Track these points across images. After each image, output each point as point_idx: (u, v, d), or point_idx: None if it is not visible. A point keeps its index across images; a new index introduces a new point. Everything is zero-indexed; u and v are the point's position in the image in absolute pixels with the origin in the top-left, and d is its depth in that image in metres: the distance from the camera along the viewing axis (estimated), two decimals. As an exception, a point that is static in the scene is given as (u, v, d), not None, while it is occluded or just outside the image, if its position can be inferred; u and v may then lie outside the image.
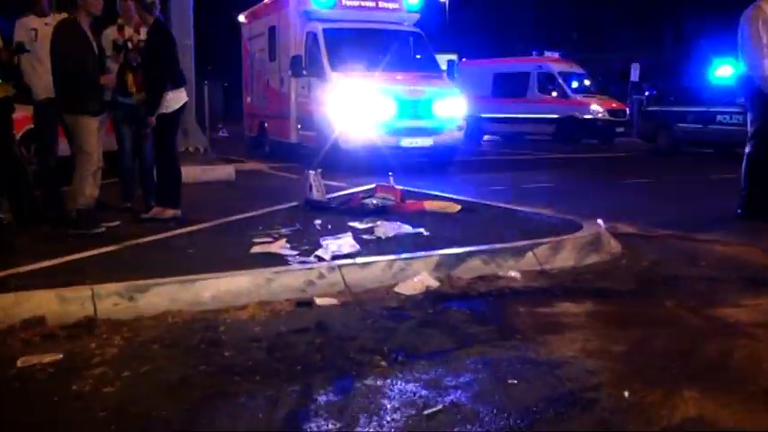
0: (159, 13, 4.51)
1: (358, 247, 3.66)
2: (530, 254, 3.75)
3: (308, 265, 3.26)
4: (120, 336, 2.63)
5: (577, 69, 16.93)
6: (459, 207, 5.08)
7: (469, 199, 5.76)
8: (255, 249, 3.62)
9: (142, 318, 2.80)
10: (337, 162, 8.40)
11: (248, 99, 12.15)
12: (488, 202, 5.56)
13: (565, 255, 3.86)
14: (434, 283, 3.32)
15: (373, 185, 5.62)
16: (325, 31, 9.20)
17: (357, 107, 8.47)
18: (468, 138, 16.29)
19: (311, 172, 5.33)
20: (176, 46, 4.50)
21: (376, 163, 8.62)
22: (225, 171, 7.65)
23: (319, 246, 3.63)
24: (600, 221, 4.51)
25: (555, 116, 15.88)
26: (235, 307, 2.93)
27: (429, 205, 5.11)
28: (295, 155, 10.59)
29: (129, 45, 4.80)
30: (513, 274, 3.54)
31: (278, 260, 3.39)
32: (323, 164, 6.87)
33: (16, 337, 2.57)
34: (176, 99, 4.59)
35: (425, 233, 4.15)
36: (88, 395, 2.13)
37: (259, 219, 4.73)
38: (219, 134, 17.30)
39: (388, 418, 1.95)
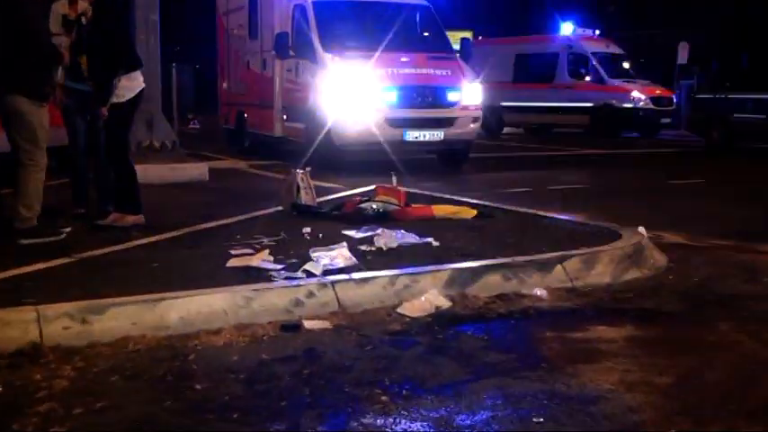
0: None
1: (354, 260, 3.67)
2: (558, 268, 3.77)
3: (295, 282, 3.27)
4: (70, 366, 2.62)
5: (615, 49, 16.93)
6: (474, 212, 5.10)
7: (487, 203, 5.78)
8: (232, 263, 3.63)
9: (97, 344, 2.80)
10: (330, 160, 8.42)
11: (224, 85, 12.18)
12: (509, 207, 5.58)
13: (600, 269, 3.87)
14: (445, 303, 3.33)
15: (372, 187, 5.65)
16: (315, 3, 9.22)
17: (353, 94, 8.50)
18: (486, 130, 16.49)
19: (299, 171, 5.34)
20: (129, 20, 4.42)
21: (376, 161, 8.65)
22: (196, 170, 7.70)
23: (308, 258, 3.64)
24: (642, 229, 4.52)
25: (588, 105, 15.92)
26: (208, 331, 2.94)
27: (439, 210, 5.13)
28: (280, 151, 10.63)
29: (83, 20, 4.75)
30: (538, 292, 3.56)
31: (259, 275, 3.40)
32: (313, 162, 6.89)
33: (-55, 368, 2.58)
34: (130, 86, 4.57)
35: (434, 243, 4.16)
36: (32, 437, 2.12)
37: (237, 226, 4.75)
38: (190, 126, 17.40)
39: (390, 465, 1.98)
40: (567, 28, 17.46)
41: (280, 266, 3.55)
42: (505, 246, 4.12)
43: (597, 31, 17.81)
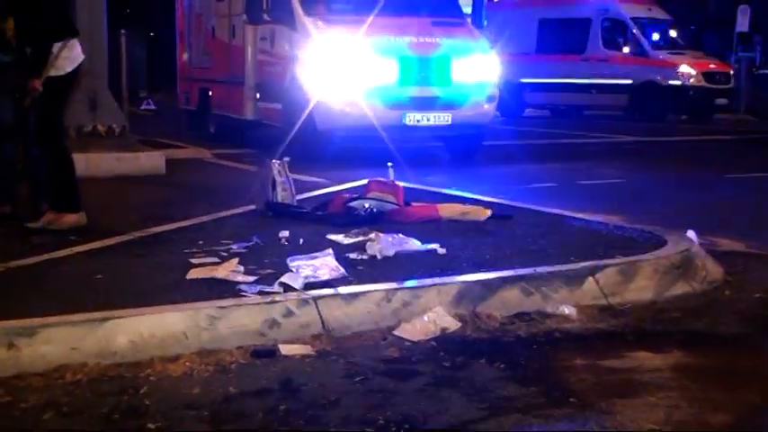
0: None
1: (342, 271, 3.67)
2: (590, 281, 3.78)
3: (270, 298, 3.27)
4: (-6, 400, 2.61)
5: (660, 14, 16.91)
6: (488, 213, 5.13)
7: (504, 201, 5.81)
8: (194, 274, 3.63)
9: (27, 374, 2.78)
10: (313, 148, 8.46)
11: (184, 56, 12.20)
12: (531, 206, 5.60)
13: (641, 282, 3.88)
14: (453, 324, 3.34)
15: (365, 182, 5.67)
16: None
17: (341, 68, 8.51)
18: (504, 112, 16.54)
19: (275, 162, 5.36)
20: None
21: (369, 149, 8.68)
22: (151, 161, 7.71)
23: (286, 269, 3.64)
24: (692, 234, 4.53)
25: (627, 82, 15.97)
26: (164, 358, 2.93)
27: (445, 211, 5.16)
28: (252, 138, 10.69)
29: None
30: (566, 310, 3.57)
31: (226, 290, 3.40)
32: (292, 151, 6.85)
33: None
34: (71, 57, 4.57)
35: (440, 251, 4.18)
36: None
37: (199, 230, 4.76)
38: (143, 107, 17.42)
39: None
40: None
41: (251, 279, 3.55)
42: (526, 254, 4.14)
43: None
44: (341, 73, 8.49)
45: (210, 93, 11.27)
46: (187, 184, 7.04)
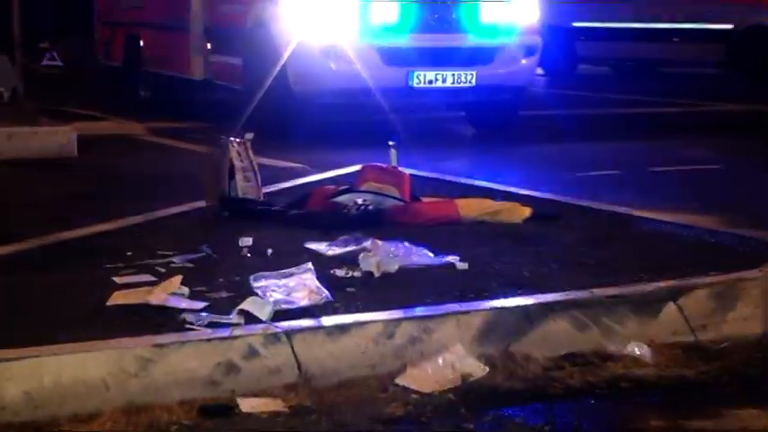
0: None
1: (326, 293, 3.67)
2: (671, 309, 3.78)
3: (225, 332, 3.27)
4: None
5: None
6: (527, 212, 5.15)
7: (548, 195, 5.81)
8: (119, 299, 3.62)
9: None
10: (287, 120, 8.53)
11: (103, -7, 12.45)
12: (585, 202, 5.61)
13: (744, 311, 3.87)
14: (478, 370, 3.33)
15: (357, 168, 5.68)
16: None
17: (324, 8, 8.55)
18: (548, 69, 16.49)
19: (234, 141, 5.36)
20: None
21: (363, 122, 8.66)
22: (56, 138, 7.71)
23: (249, 292, 3.65)
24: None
25: (723, 27, 15.93)
26: (74, 418, 2.91)
27: (468, 208, 5.17)
28: (201, 105, 10.67)
29: None
30: (636, 350, 3.56)
31: (165, 321, 3.39)
32: (258, 124, 6.83)
33: None
34: None
35: (460, 265, 4.18)
36: None
37: (127, 235, 4.77)
38: (45, 63, 17.34)
39: None
40: None
41: (199, 305, 3.54)
42: (579, 269, 4.14)
43: None
44: (324, 15, 8.52)
45: (142, 42, 11.27)
46: (109, 172, 7.03)
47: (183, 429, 2.92)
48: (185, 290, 3.68)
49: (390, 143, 5.57)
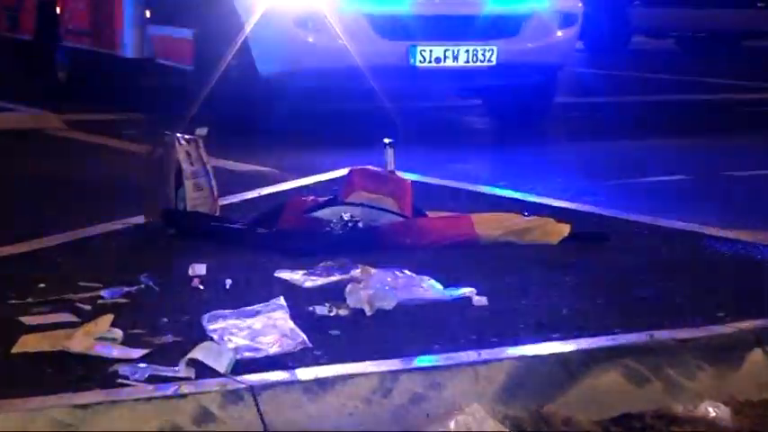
0: None
1: (303, 338, 3.63)
2: (755, 356, 3.76)
3: (171, 389, 3.25)
4: None
5: None
6: (566, 230, 5.17)
7: (591, 208, 5.84)
8: (29, 345, 3.57)
9: None
10: (252, 111, 8.58)
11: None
12: (640, 217, 5.64)
13: None
14: (503, 437, 3.32)
15: (343, 173, 5.70)
16: None
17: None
18: (592, 44, 16.48)
19: (181, 138, 5.36)
20: None
21: (350, 113, 8.60)
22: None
23: (202, 336, 3.63)
24: None
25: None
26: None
27: (488, 225, 5.17)
28: (137, 92, 10.65)
29: None
30: (711, 410, 3.53)
31: (90, 374, 3.35)
32: (214, 117, 6.83)
33: None
34: None
35: (478, 300, 4.17)
36: None
37: (41, 261, 4.76)
38: None
39: None
40: None
41: (136, 353, 3.50)
42: (634, 306, 4.15)
43: None
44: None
45: (59, 9, 11.28)
46: (16, 179, 7.00)
47: None
48: (117, 333, 3.64)
49: (386, 141, 5.54)
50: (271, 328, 3.69)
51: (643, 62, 15.92)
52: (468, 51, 8.77)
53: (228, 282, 4.37)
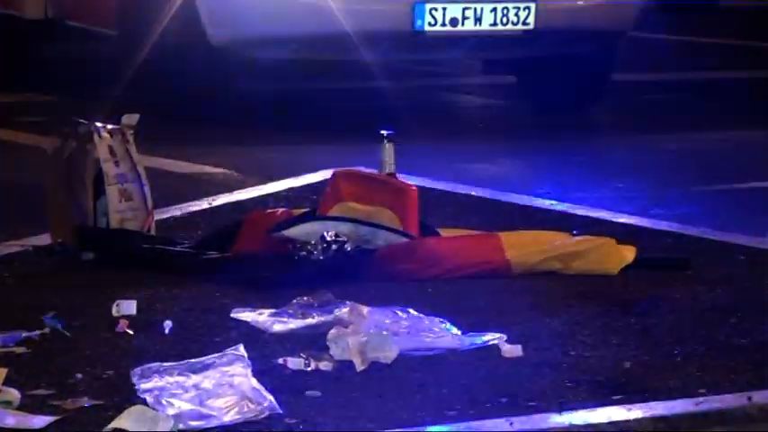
0: None
1: (270, 401, 3.63)
2: None
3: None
4: None
5: None
6: (628, 254, 5.19)
7: (663, 225, 5.87)
8: None
9: None
10: (200, 91, 8.58)
11: None
12: (727, 237, 5.67)
13: None
14: None
15: (324, 176, 5.75)
16: None
17: None
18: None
19: (102, 129, 5.37)
20: None
21: (334, 95, 8.54)
22: None
23: (131, 397, 3.63)
24: None
25: None
26: None
27: (520, 248, 5.19)
28: (42, 66, 10.62)
29: None
30: None
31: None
32: (147, 99, 6.76)
33: None
34: None
35: (508, 349, 4.17)
36: None
37: None
38: None
39: None
40: None
41: (41, 422, 3.49)
42: (724, 357, 4.16)
43: None
44: None
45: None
46: None
47: None
48: (13, 394, 3.64)
49: (383, 133, 5.56)
50: (226, 387, 3.69)
51: (743, 26, 15.90)
52: (495, 10, 8.78)
53: (168, 324, 4.36)
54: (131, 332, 4.32)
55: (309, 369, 3.97)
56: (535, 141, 8.75)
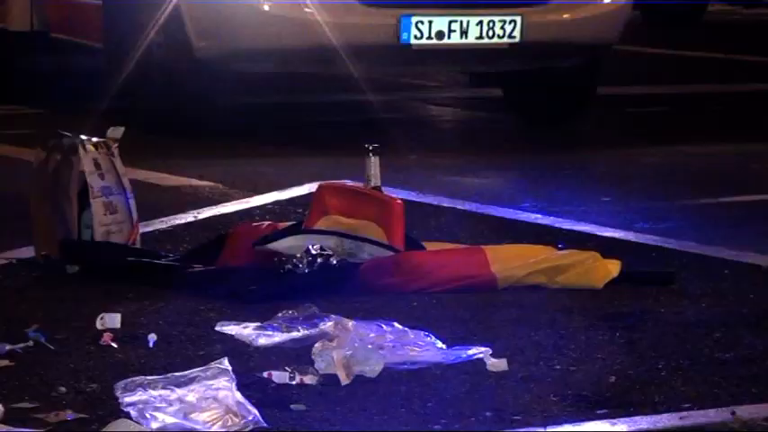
0: None
1: (255, 414, 3.61)
2: None
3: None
4: None
5: None
6: (613, 268, 5.18)
7: (649, 239, 5.88)
8: None
9: None
10: (186, 105, 8.58)
11: None
12: (712, 251, 5.67)
13: None
14: None
15: (309, 189, 5.74)
16: None
17: None
18: (654, 13, 16.47)
19: (87, 142, 5.37)
20: None
21: (319, 107, 8.53)
22: None
23: (115, 410, 3.62)
24: None
25: None
26: None
27: (505, 262, 5.19)
28: (27, 78, 10.59)
29: None
30: None
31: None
32: (131, 111, 6.73)
33: None
34: None
35: (493, 363, 4.16)
36: None
37: None
38: None
39: None
40: None
41: (24, 437, 3.52)
42: (709, 372, 4.16)
43: None
44: None
45: None
46: None
47: None
48: (-2, 409, 3.67)
49: (369, 147, 5.56)
50: (210, 401, 3.68)
51: (726, 39, 15.94)
52: (481, 23, 8.78)
53: (152, 338, 4.35)
54: (115, 345, 4.31)
55: (294, 383, 3.96)
56: (521, 154, 8.75)
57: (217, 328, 4.46)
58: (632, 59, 11.57)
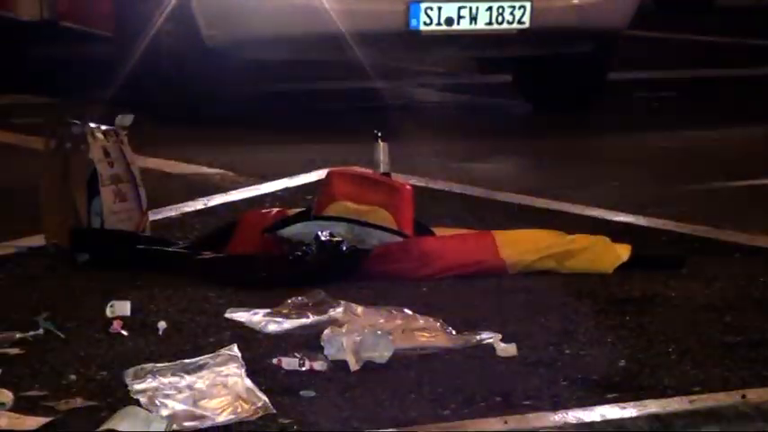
0: None
1: (263, 401, 3.62)
2: None
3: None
4: None
5: None
6: (623, 252, 5.19)
7: (658, 223, 5.88)
8: None
9: None
10: (195, 93, 8.61)
11: None
12: (723, 236, 5.66)
13: None
14: None
15: (318, 176, 5.74)
16: None
17: None
18: None
19: (97, 130, 5.37)
20: None
21: (327, 94, 8.51)
22: None
23: (124, 397, 3.61)
24: None
25: None
26: None
27: (514, 246, 5.19)
28: (37, 66, 10.62)
29: None
30: None
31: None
32: (142, 100, 6.72)
33: None
34: None
35: (503, 348, 4.16)
36: None
37: None
38: None
39: None
40: None
41: (34, 423, 3.49)
42: (720, 356, 4.16)
43: None
44: None
45: None
46: None
47: None
48: (6, 396, 3.64)
49: (378, 133, 5.55)
50: (220, 387, 3.69)
51: (737, 24, 15.88)
52: (490, 9, 8.76)
53: (162, 325, 4.35)
54: (125, 333, 4.31)
55: (304, 369, 3.95)
56: (530, 140, 8.73)
57: (226, 315, 4.46)
58: (643, 44, 11.51)
